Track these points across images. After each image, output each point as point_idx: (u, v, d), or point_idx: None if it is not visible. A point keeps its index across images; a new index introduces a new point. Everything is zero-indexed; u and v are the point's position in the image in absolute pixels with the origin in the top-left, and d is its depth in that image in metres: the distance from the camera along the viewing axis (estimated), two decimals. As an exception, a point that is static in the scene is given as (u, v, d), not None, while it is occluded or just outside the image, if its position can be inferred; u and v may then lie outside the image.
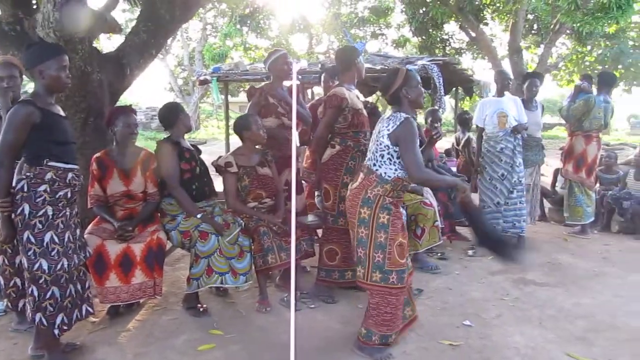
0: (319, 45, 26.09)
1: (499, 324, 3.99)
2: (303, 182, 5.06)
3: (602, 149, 7.11)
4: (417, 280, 4.88)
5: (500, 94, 6.13)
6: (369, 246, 3.32)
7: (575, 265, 5.55)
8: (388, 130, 3.29)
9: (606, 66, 21.91)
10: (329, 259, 4.38)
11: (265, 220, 4.27)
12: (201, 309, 4.09)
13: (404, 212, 3.21)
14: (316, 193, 4.82)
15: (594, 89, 6.95)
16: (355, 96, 4.27)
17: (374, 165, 3.35)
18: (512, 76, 7.54)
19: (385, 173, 3.31)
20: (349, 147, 4.22)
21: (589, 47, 20.08)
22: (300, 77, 10.09)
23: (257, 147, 4.47)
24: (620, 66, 21.42)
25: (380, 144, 3.32)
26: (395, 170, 3.30)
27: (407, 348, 3.56)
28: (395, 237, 3.31)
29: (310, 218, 4.68)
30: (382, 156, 3.32)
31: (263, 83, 4.90)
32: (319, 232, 4.95)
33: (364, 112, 4.30)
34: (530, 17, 16.99)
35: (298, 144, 4.73)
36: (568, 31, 15.11)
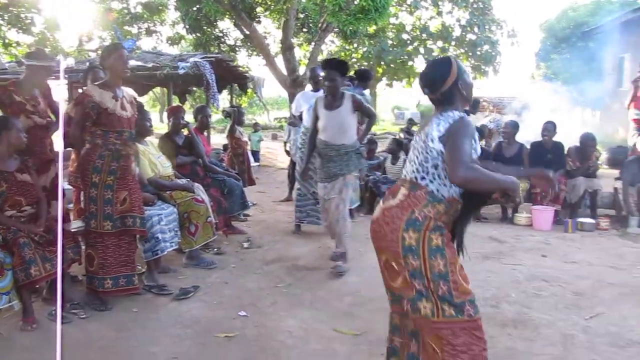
0: (90, 43, 24.62)
1: (274, 310, 4.18)
2: (70, 186, 4.82)
3: (365, 139, 7.66)
4: (194, 277, 4.94)
5: (315, 89, 6.39)
6: (426, 277, 2.55)
7: (343, 248, 6.00)
8: (439, 132, 2.56)
9: (371, 62, 23.80)
10: (89, 264, 4.25)
11: (25, 230, 3.94)
12: (-48, 338, 3.65)
13: None
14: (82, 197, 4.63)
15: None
16: (109, 95, 4.12)
17: (423, 178, 2.60)
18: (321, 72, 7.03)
19: (438, 190, 2.59)
20: (97, 146, 4.13)
21: (355, 45, 21.65)
22: (66, 75, 9.52)
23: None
24: (382, 62, 23.41)
25: (431, 152, 2.57)
26: (451, 186, 2.59)
27: (182, 347, 3.57)
28: (454, 260, 2.59)
29: (77, 224, 4.48)
30: (436, 167, 2.57)
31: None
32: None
33: (121, 112, 4.16)
34: (301, 15, 17.81)
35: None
36: (335, 30, 16.12)
